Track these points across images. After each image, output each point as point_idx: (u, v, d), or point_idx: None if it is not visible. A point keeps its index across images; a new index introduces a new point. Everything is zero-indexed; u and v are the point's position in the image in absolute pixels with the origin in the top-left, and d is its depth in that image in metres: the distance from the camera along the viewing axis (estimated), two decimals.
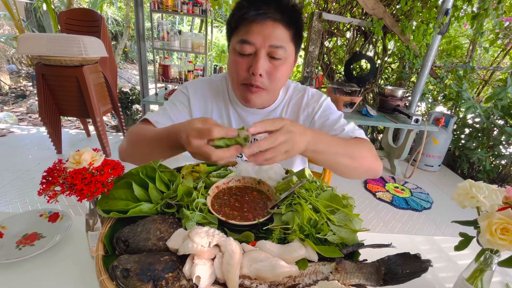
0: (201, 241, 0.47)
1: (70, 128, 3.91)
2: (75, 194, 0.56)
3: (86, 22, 2.98)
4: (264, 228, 0.57)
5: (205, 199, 0.60)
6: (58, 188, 0.56)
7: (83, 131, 3.49)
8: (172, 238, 0.50)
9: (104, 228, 0.55)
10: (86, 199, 0.58)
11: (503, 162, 3.18)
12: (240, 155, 1.00)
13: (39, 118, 2.68)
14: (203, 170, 0.73)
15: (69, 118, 4.28)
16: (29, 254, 0.66)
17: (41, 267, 0.67)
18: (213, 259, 0.47)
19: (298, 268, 0.47)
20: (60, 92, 2.61)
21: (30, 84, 5.57)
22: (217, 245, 0.48)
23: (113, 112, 3.16)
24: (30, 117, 4.26)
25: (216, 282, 0.46)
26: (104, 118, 3.10)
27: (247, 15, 0.75)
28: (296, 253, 0.49)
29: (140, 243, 0.51)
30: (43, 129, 3.37)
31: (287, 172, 0.78)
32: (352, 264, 0.48)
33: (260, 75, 0.80)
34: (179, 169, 0.74)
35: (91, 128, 3.49)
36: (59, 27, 3.06)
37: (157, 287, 0.43)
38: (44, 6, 4.89)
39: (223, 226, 0.57)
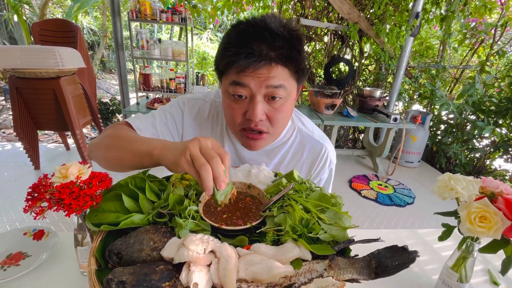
0: (196, 248, 0.47)
1: (48, 142, 3.77)
2: (63, 209, 0.55)
3: (61, 33, 2.90)
4: (257, 232, 0.57)
5: (197, 207, 0.60)
6: (44, 204, 0.55)
7: (62, 145, 3.37)
8: (166, 247, 0.50)
9: (95, 242, 0.54)
10: (74, 213, 0.57)
11: (477, 155, 3.35)
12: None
13: (14, 134, 2.57)
14: (192, 178, 0.73)
15: (46, 132, 4.12)
16: (15, 274, 0.63)
17: (29, 287, 0.65)
18: (209, 265, 0.48)
19: (293, 268, 0.48)
20: (36, 106, 2.52)
21: (3, 98, 5.33)
22: (212, 251, 0.49)
23: (93, 123, 3.08)
24: (3, 132, 4.07)
25: (213, 287, 0.46)
26: (84, 130, 3.02)
27: (237, 64, 0.65)
28: (291, 253, 0.50)
29: (134, 254, 0.50)
30: (18, 144, 3.23)
31: (276, 175, 0.79)
32: (345, 260, 0.50)
33: (260, 119, 0.73)
34: (167, 178, 0.73)
35: (70, 141, 3.38)
36: (32, 39, 2.97)
37: None
38: (15, 18, 4.72)
39: (216, 232, 0.58)
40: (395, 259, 0.49)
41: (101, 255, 0.52)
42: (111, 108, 3.98)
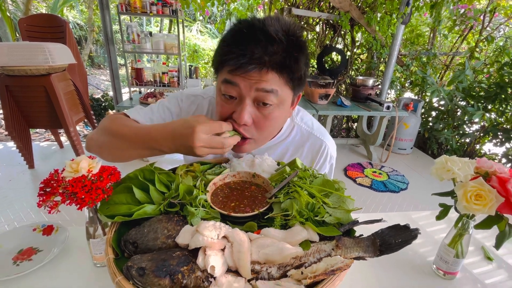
0: (210, 234, 0.49)
1: (40, 140, 3.71)
2: (76, 203, 0.56)
3: (49, 28, 2.84)
4: (265, 218, 0.60)
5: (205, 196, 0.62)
6: (57, 198, 0.56)
7: (55, 143, 3.33)
8: (180, 235, 0.52)
9: (110, 233, 0.56)
10: (87, 206, 0.58)
11: (467, 140, 3.43)
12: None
13: (6, 133, 2.54)
14: (198, 169, 0.75)
15: (37, 130, 4.06)
16: (28, 269, 0.64)
17: (44, 281, 0.66)
18: (222, 250, 0.50)
19: (302, 249, 0.51)
20: (27, 104, 2.48)
21: None
22: (225, 237, 0.51)
23: (85, 120, 3.05)
24: None
25: (228, 270, 0.49)
26: (77, 127, 2.97)
27: (227, 63, 0.65)
28: (299, 235, 0.52)
29: (149, 243, 0.52)
30: (11, 144, 3.18)
31: (278, 164, 0.81)
32: (351, 239, 0.53)
33: (245, 124, 0.70)
34: (173, 171, 0.75)
35: (63, 138, 3.34)
36: (18, 35, 2.90)
37: (174, 281, 0.44)
38: None
39: (225, 220, 0.60)
40: (398, 237, 0.52)
41: (116, 245, 0.54)
42: (103, 104, 3.94)
